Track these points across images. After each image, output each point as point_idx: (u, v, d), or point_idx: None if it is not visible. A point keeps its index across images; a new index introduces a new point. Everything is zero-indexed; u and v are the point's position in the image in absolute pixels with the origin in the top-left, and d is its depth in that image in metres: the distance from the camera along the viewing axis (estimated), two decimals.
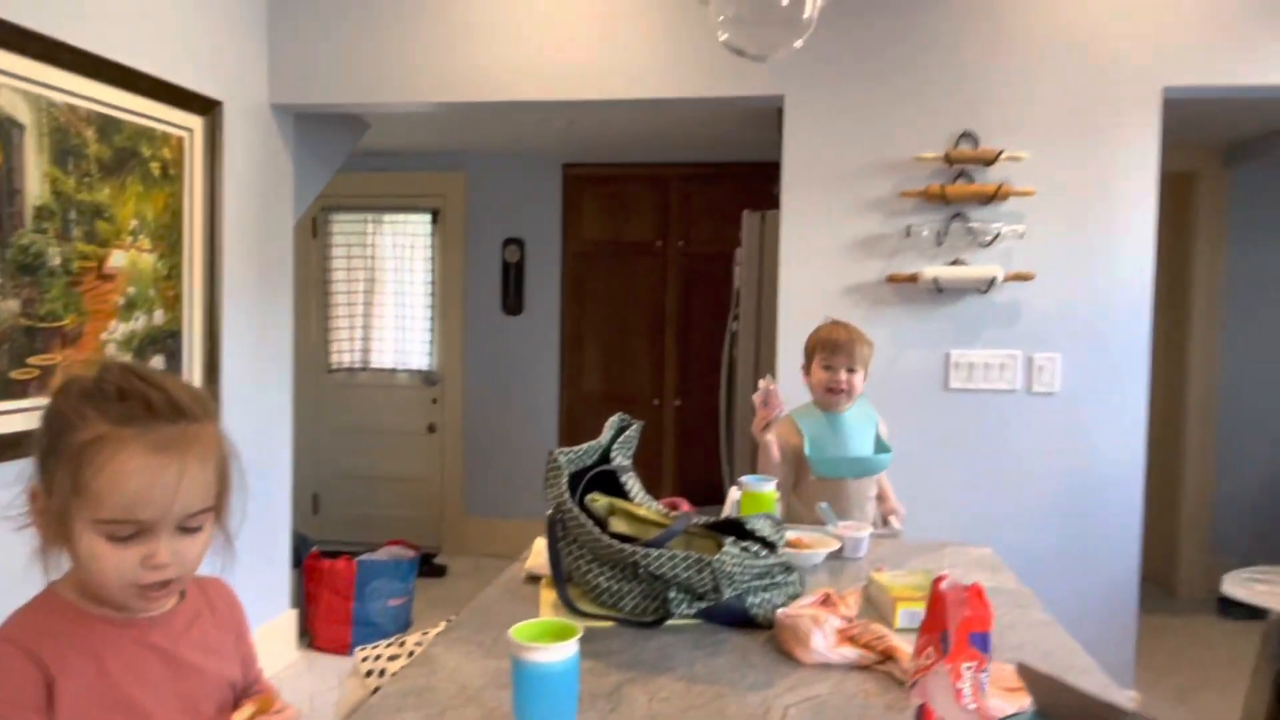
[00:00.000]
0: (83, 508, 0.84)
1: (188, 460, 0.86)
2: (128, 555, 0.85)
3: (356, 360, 4.80)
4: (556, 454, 1.50)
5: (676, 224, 4.70)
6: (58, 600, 0.90)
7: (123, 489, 0.83)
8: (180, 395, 0.89)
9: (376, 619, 3.35)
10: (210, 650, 0.96)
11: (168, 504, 0.85)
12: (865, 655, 1.28)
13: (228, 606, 1.04)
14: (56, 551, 0.89)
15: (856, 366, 2.24)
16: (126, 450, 0.83)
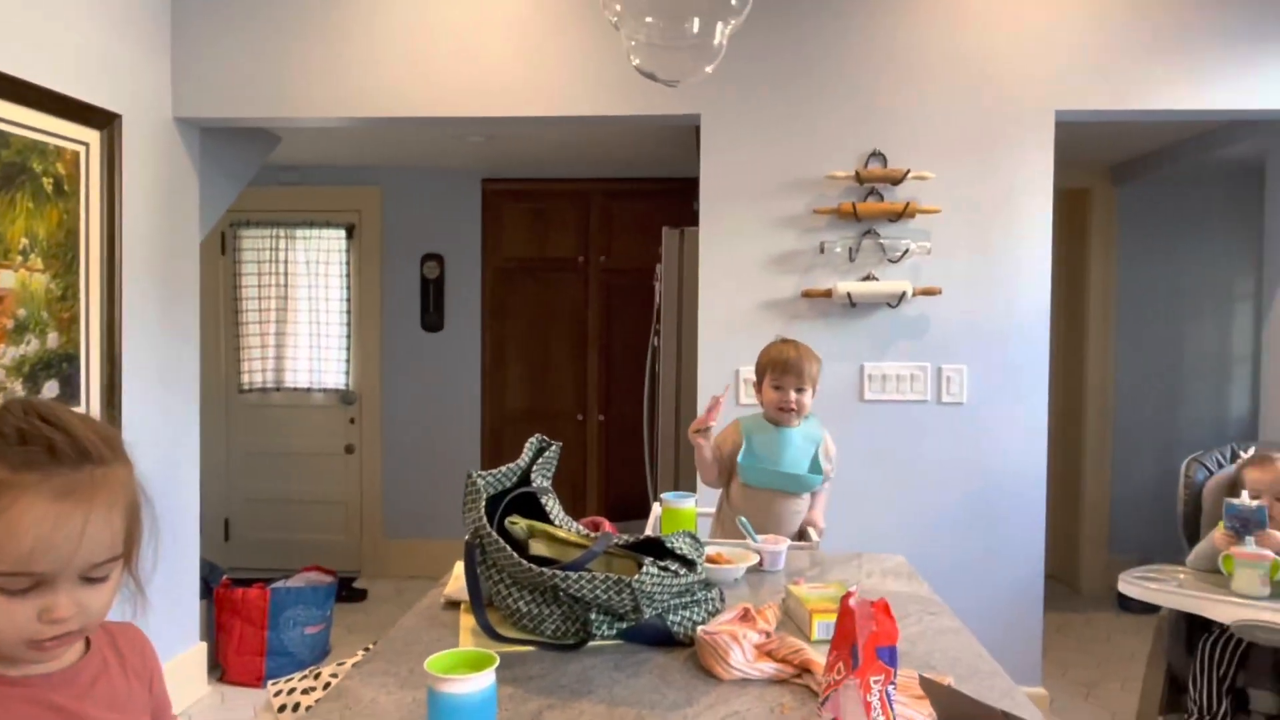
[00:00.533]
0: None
1: (93, 508, 0.81)
2: (23, 608, 0.79)
3: (269, 380, 4.64)
4: (475, 476, 1.49)
5: (598, 240, 4.71)
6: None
7: (20, 540, 0.77)
8: (86, 437, 0.83)
9: (293, 648, 3.24)
10: (117, 705, 0.91)
11: (69, 555, 0.79)
12: (783, 669, 1.30)
13: (139, 655, 0.98)
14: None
15: (805, 385, 2.28)
16: (26, 498, 0.78)
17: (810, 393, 2.32)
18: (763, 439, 2.32)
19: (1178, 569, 2.15)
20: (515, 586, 1.41)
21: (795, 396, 2.29)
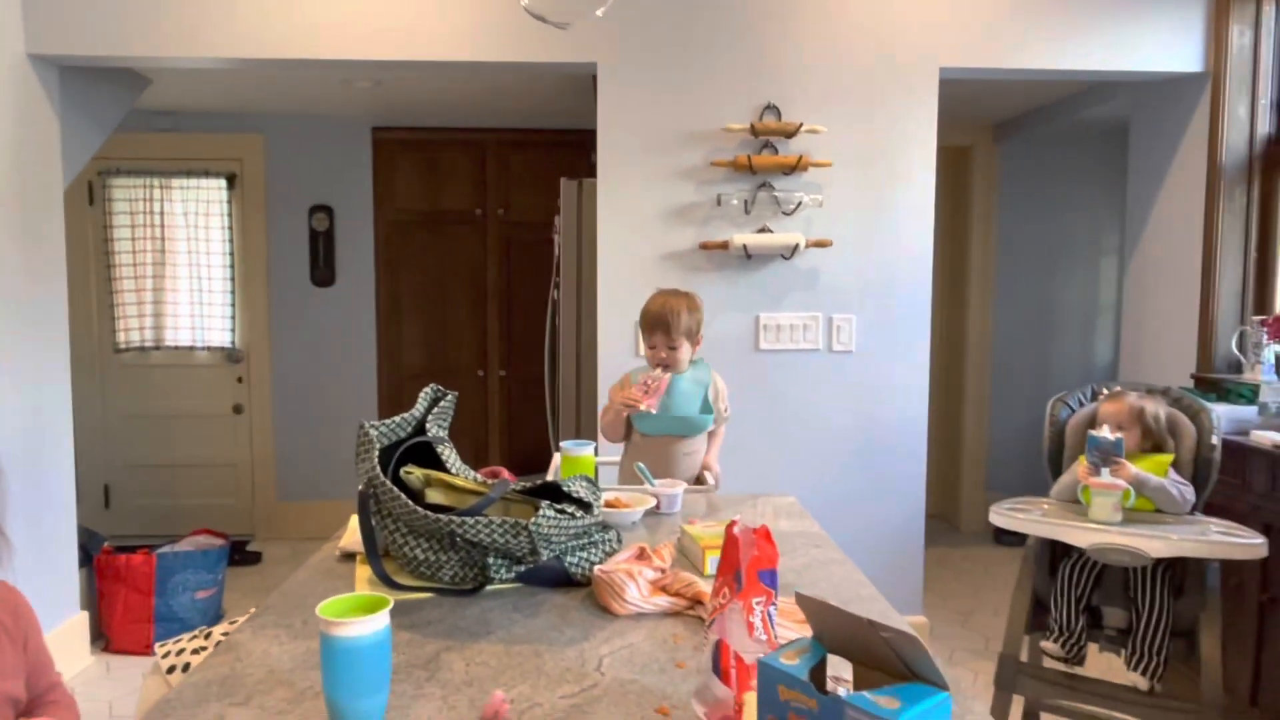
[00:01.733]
0: None
1: None
2: None
3: (148, 339, 4.40)
4: (367, 426, 1.46)
5: (495, 192, 4.63)
6: None
7: None
8: None
9: (183, 614, 3.14)
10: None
11: None
12: (676, 602, 1.35)
13: (11, 615, 0.94)
14: None
15: (677, 342, 2.31)
16: None
17: (685, 347, 2.35)
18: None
19: (1042, 500, 2.32)
20: (412, 535, 1.41)
21: (667, 354, 2.32)
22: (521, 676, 1.13)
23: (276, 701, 1.06)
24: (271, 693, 1.09)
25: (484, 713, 1.02)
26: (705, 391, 2.38)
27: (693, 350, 2.39)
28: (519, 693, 1.08)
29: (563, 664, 1.17)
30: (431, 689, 1.10)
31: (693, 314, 2.38)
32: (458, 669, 1.16)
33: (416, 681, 1.11)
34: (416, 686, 1.10)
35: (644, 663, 1.18)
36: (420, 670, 1.15)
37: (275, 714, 1.03)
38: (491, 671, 1.15)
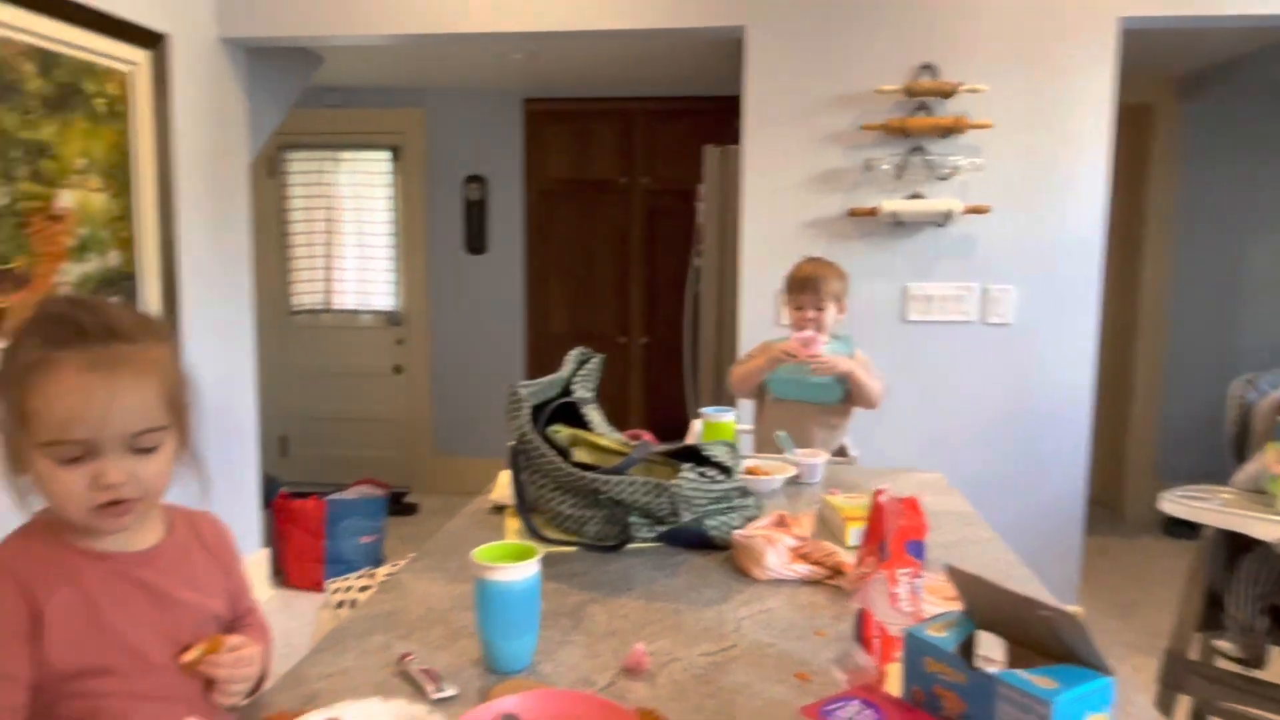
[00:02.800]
0: (28, 433, 0.85)
1: (120, 377, 0.87)
2: (78, 476, 0.86)
3: (319, 302, 4.75)
4: (517, 387, 1.53)
5: (640, 160, 4.66)
6: (44, 530, 0.92)
7: (55, 409, 0.84)
8: (116, 318, 0.89)
9: (348, 556, 3.40)
10: (196, 585, 0.98)
11: (102, 421, 0.86)
12: (816, 571, 1.34)
13: (217, 540, 1.05)
14: (21, 481, 0.90)
15: (824, 304, 2.29)
16: (58, 371, 0.85)
17: (832, 310, 2.32)
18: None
19: (1221, 489, 2.13)
20: (558, 491, 1.46)
21: (814, 315, 2.29)
22: (661, 632, 1.16)
23: (435, 637, 1.14)
24: (430, 629, 1.17)
25: (626, 663, 1.05)
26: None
27: (838, 317, 2.35)
28: (659, 647, 1.11)
29: (701, 623, 1.19)
30: (576, 637, 1.15)
31: (841, 280, 2.37)
32: (600, 620, 1.20)
33: (562, 629, 1.17)
34: (563, 634, 1.15)
35: (782, 628, 1.18)
36: (565, 619, 1.20)
37: (434, 648, 1.11)
38: (632, 625, 1.18)
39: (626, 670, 1.05)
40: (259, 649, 1.01)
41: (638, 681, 1.03)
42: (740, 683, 1.03)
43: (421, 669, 1.03)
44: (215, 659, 0.95)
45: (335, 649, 1.11)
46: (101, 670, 0.89)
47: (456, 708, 0.96)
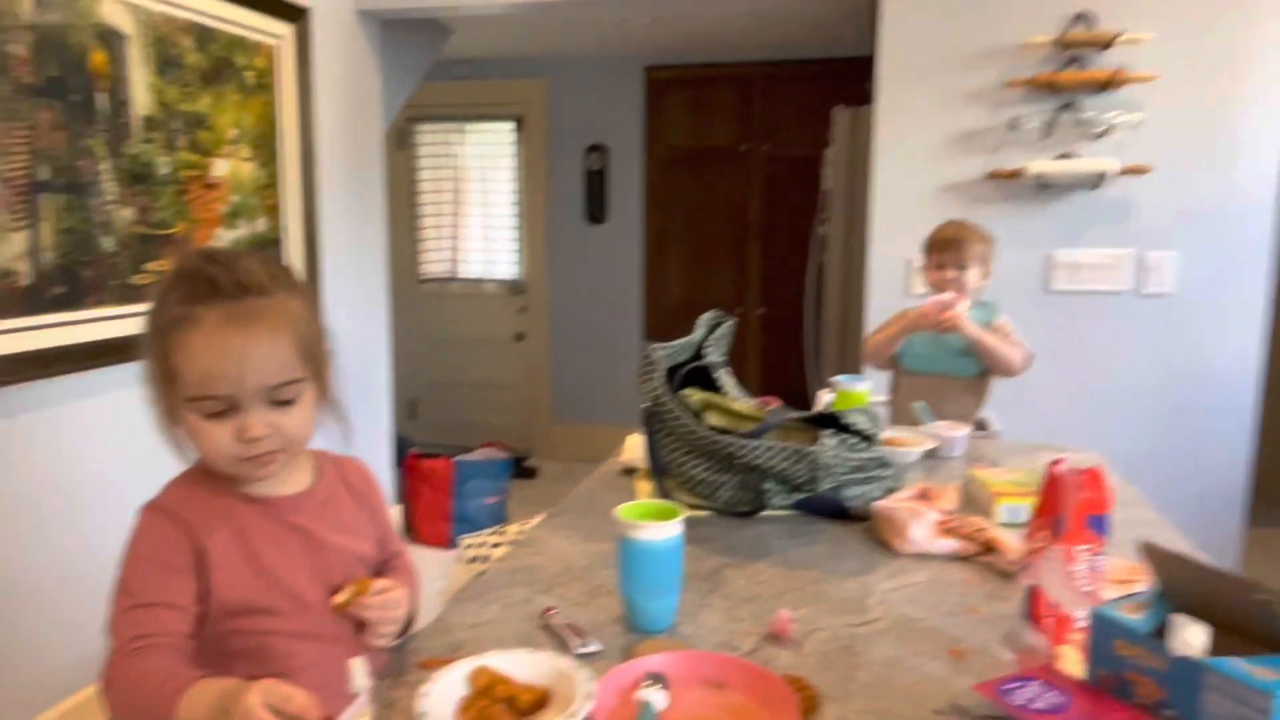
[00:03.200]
0: (174, 389, 0.89)
1: (255, 332, 0.88)
2: (223, 430, 0.89)
3: (446, 271, 4.89)
4: (651, 349, 1.51)
5: (761, 126, 4.56)
6: (201, 476, 0.96)
7: (195, 365, 0.87)
8: (249, 272, 0.90)
9: (473, 515, 3.51)
10: (345, 528, 1.02)
11: (240, 376, 0.87)
12: (965, 546, 1.28)
13: (363, 485, 1.08)
14: (176, 432, 0.94)
15: (968, 264, 2.18)
16: (195, 328, 0.87)
17: (975, 272, 2.21)
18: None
19: None
20: (691, 454, 1.44)
21: (955, 274, 2.18)
22: (802, 600, 1.13)
23: (574, 594, 1.15)
24: (569, 585, 1.17)
25: (769, 628, 1.03)
26: (986, 328, 2.21)
27: (982, 281, 2.24)
28: (802, 615, 1.08)
29: (844, 593, 1.15)
30: (715, 600, 1.13)
31: (986, 243, 2.25)
32: (739, 585, 1.18)
33: (700, 592, 1.15)
34: (701, 596, 1.14)
35: (931, 602, 1.13)
36: (703, 582, 1.18)
37: (574, 605, 1.11)
38: (772, 591, 1.15)
39: (770, 636, 1.02)
40: (405, 591, 1.03)
41: (782, 649, 1.00)
42: (891, 656, 0.98)
43: (564, 624, 1.03)
44: (364, 601, 0.97)
45: (478, 600, 1.13)
46: (262, 609, 0.93)
47: (601, 663, 0.96)
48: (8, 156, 1.83)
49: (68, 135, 1.97)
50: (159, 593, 0.87)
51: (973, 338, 2.13)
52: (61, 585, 1.98)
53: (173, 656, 0.84)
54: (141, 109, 2.19)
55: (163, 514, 0.92)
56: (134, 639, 0.83)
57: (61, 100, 1.95)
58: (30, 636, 1.91)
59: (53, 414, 1.97)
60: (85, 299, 2.04)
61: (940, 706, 0.88)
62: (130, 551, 0.91)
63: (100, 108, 2.06)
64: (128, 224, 2.16)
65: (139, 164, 2.19)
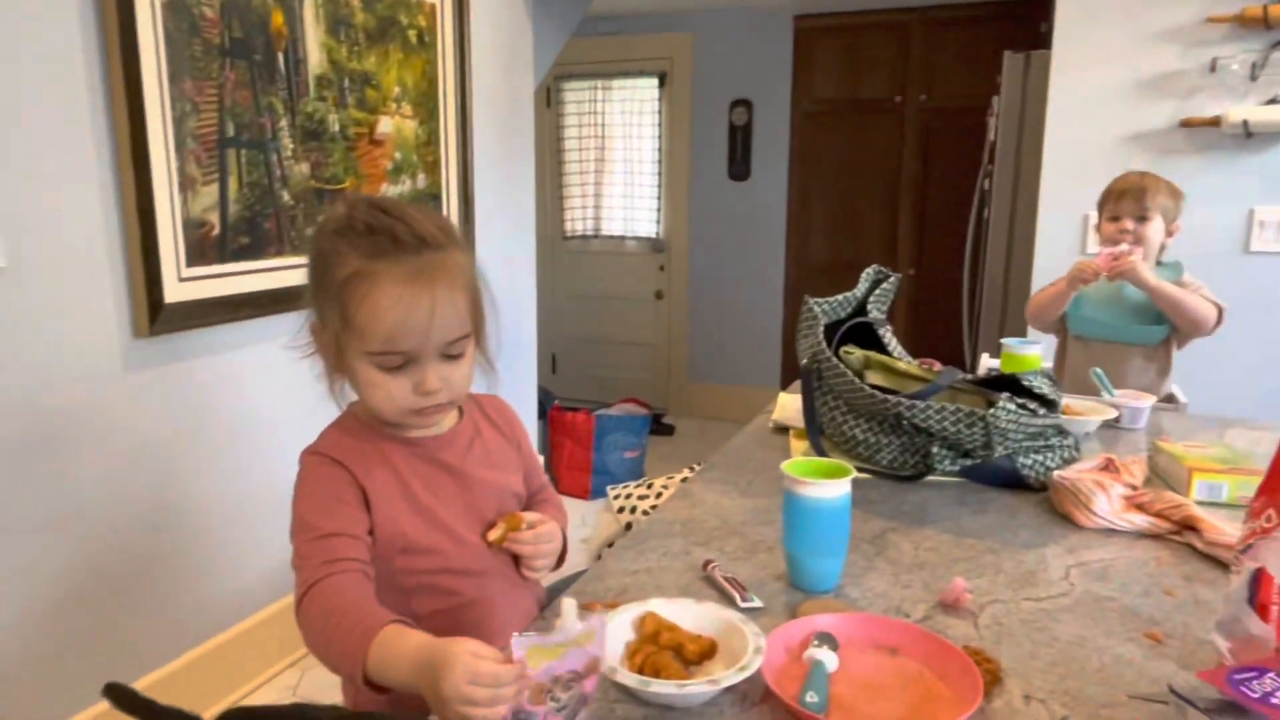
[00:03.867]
0: (352, 340, 0.89)
1: (437, 289, 0.88)
2: (399, 383, 0.90)
3: (589, 228, 4.94)
4: (812, 303, 1.46)
5: (917, 76, 4.31)
6: (355, 422, 0.99)
7: (382, 321, 0.87)
8: (424, 225, 0.90)
9: (613, 468, 3.56)
10: (493, 464, 1.04)
11: (424, 333, 0.88)
12: (1157, 524, 1.18)
13: (506, 421, 1.10)
14: (340, 379, 0.97)
15: (1149, 215, 1.98)
16: (381, 284, 0.87)
17: (1157, 226, 1.99)
18: (1098, 285, 2.03)
19: None
20: (852, 414, 1.39)
21: (1133, 226, 1.98)
22: (977, 570, 1.07)
23: (733, 548, 1.13)
24: (727, 540, 1.16)
25: (943, 596, 0.98)
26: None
27: (1162, 239, 2.03)
28: (977, 585, 1.02)
29: (1023, 566, 1.08)
30: (881, 564, 1.09)
31: (1173, 197, 2.03)
32: (906, 550, 1.13)
33: (865, 555, 1.11)
34: (866, 559, 1.10)
35: (1122, 582, 1.04)
36: (868, 545, 1.14)
37: (732, 559, 1.10)
38: (943, 559, 1.10)
39: (943, 605, 0.97)
40: (556, 525, 1.04)
41: (957, 619, 0.95)
42: (1078, 635, 0.92)
43: (725, 577, 1.02)
44: (518, 536, 0.99)
45: (637, 548, 1.14)
46: (423, 549, 0.96)
47: (765, 619, 0.94)
48: (200, 114, 1.96)
49: (251, 93, 2.09)
50: (336, 524, 0.89)
51: (1152, 288, 1.92)
52: (233, 516, 2.15)
53: (362, 582, 0.87)
54: (315, 68, 2.29)
55: (322, 456, 0.95)
56: (321, 565, 0.86)
57: (246, 60, 2.07)
58: (203, 564, 2.08)
59: (235, 356, 2.13)
60: (266, 249, 2.17)
61: (1137, 691, 0.81)
62: (299, 492, 0.94)
63: (279, 67, 2.17)
64: (303, 179, 2.28)
65: (313, 121, 2.30)
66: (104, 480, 1.80)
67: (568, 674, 0.69)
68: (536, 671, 0.68)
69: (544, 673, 0.68)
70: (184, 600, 2.02)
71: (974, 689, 0.76)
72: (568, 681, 0.69)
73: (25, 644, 1.67)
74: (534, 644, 0.68)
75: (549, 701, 0.69)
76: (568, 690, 0.69)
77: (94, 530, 1.79)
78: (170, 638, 1.99)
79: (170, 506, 1.97)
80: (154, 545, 1.93)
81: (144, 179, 1.82)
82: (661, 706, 0.78)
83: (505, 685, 0.67)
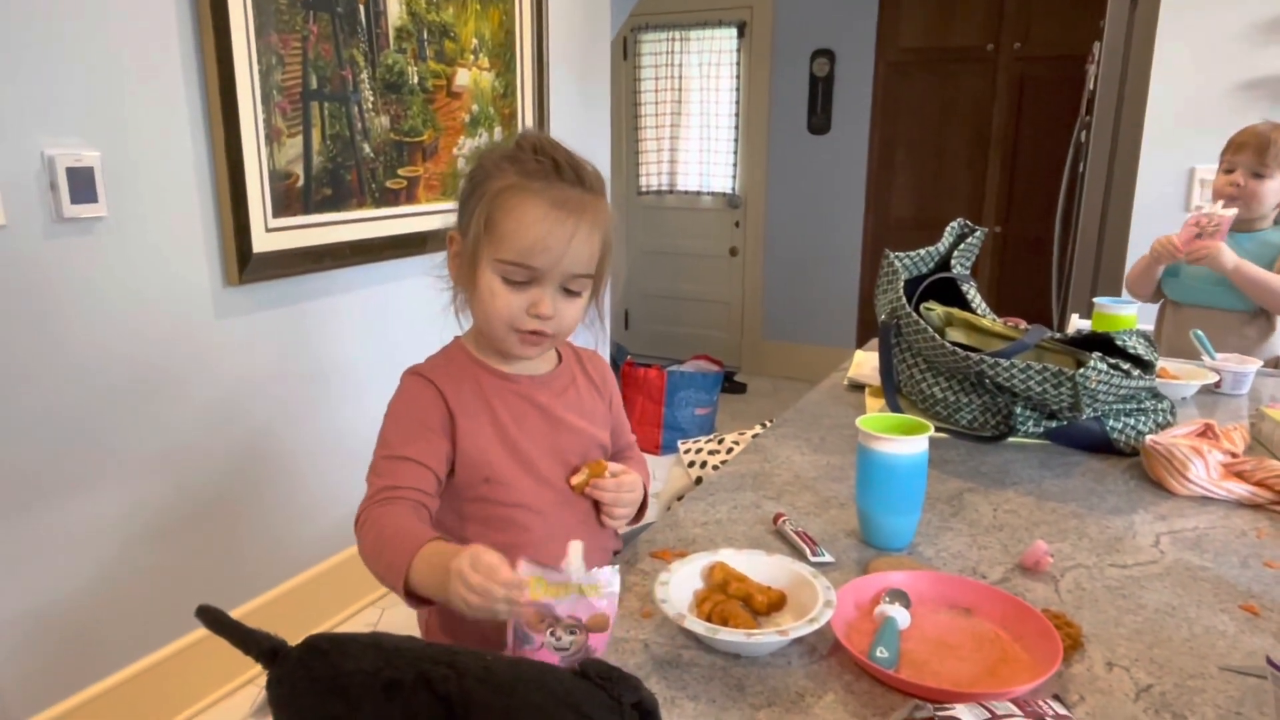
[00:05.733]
0: (489, 246, 0.92)
1: (581, 221, 0.92)
2: (518, 299, 0.93)
3: (664, 183, 4.90)
4: (893, 257, 1.42)
5: (1013, 22, 4.10)
6: (460, 351, 1.02)
7: (524, 234, 0.90)
8: (585, 167, 0.95)
9: (684, 424, 3.57)
10: (584, 413, 1.04)
11: (558, 256, 0.91)
12: (1258, 493, 1.11)
13: (601, 377, 1.11)
14: (463, 294, 0.99)
15: (1268, 170, 1.83)
16: (532, 200, 0.90)
17: (1274, 183, 1.84)
18: None
19: None
20: (931, 372, 1.35)
21: (1246, 181, 1.84)
22: (1059, 534, 1.03)
23: (804, 504, 1.12)
24: (799, 495, 1.15)
25: (1023, 559, 0.95)
26: (1275, 256, 1.87)
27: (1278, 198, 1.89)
28: (1059, 550, 0.99)
29: (1109, 532, 1.04)
30: (958, 524, 1.06)
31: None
32: (984, 511, 1.10)
33: (941, 515, 1.08)
34: (942, 519, 1.07)
35: (1217, 551, 0.99)
36: (944, 505, 1.11)
37: (804, 514, 1.09)
38: (1023, 522, 1.07)
39: (1023, 567, 0.94)
40: (639, 477, 1.05)
41: (1037, 581, 0.92)
42: (1167, 604, 0.88)
43: (796, 531, 1.01)
44: (600, 483, 1.00)
45: (708, 500, 1.13)
46: (503, 479, 0.97)
47: (835, 574, 0.93)
48: (285, 66, 2.00)
49: (333, 46, 2.12)
50: (412, 449, 0.93)
51: (1230, 270, 1.79)
52: (319, 457, 2.23)
53: (414, 510, 0.91)
54: (394, 20, 2.31)
55: (421, 378, 0.98)
56: (384, 488, 0.91)
57: (329, 12, 2.09)
58: (290, 504, 2.18)
59: (320, 304, 2.19)
60: (349, 201, 2.22)
61: (1230, 664, 0.77)
62: (391, 408, 0.98)
63: (360, 20, 2.19)
64: (383, 131, 2.31)
65: (393, 74, 2.32)
66: (198, 423, 1.89)
67: (569, 618, 0.70)
68: (535, 600, 0.69)
69: (544, 605, 0.70)
70: (272, 538, 2.12)
71: (1053, 653, 0.73)
72: (569, 626, 0.71)
73: (128, 573, 1.78)
74: (537, 574, 0.70)
75: (549, 636, 0.71)
76: (571, 635, 0.71)
77: (189, 470, 1.88)
78: (260, 573, 2.10)
79: (259, 449, 2.06)
80: (244, 485, 2.03)
81: (233, 131, 1.87)
82: (729, 655, 0.78)
83: (501, 581, 0.69)
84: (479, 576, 0.70)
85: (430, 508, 0.93)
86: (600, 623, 0.71)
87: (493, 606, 0.70)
